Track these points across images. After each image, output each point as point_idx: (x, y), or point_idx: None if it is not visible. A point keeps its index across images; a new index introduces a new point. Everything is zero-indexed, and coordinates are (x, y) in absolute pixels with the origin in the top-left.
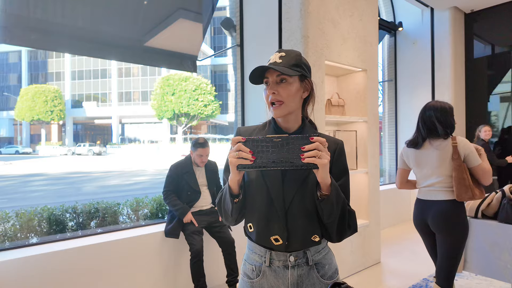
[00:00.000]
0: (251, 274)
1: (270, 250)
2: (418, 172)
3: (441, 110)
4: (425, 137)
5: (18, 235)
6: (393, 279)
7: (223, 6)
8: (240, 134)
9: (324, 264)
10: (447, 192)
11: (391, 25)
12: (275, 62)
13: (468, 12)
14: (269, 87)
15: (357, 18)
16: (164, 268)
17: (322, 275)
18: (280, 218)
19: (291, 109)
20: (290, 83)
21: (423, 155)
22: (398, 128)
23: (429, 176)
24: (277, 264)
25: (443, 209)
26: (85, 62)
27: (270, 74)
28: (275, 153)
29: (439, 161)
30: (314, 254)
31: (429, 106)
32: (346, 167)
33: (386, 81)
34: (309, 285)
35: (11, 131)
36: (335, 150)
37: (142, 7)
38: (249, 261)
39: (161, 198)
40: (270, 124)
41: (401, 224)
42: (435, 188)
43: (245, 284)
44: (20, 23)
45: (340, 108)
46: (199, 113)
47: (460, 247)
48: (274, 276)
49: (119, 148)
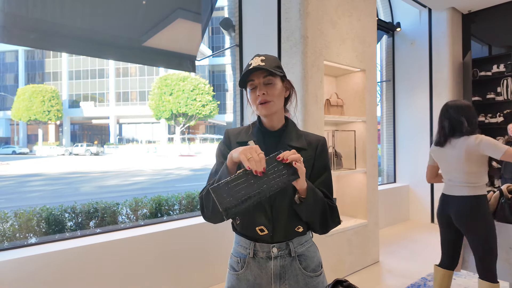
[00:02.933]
0: (236, 266)
1: (255, 241)
2: (441, 168)
3: (465, 108)
4: (448, 135)
5: (17, 235)
6: (392, 278)
7: (222, 6)
8: (228, 136)
9: (307, 256)
10: (470, 188)
11: (389, 26)
12: (258, 65)
13: (465, 12)
14: (257, 89)
15: (356, 19)
16: (164, 268)
17: (305, 267)
18: (266, 209)
19: (277, 107)
20: (275, 83)
21: (445, 152)
22: (396, 128)
23: (451, 171)
24: (261, 255)
25: (467, 204)
26: (82, 62)
27: (256, 77)
28: (254, 184)
29: (461, 157)
30: (297, 246)
31: (452, 104)
32: (327, 163)
33: (384, 81)
34: (291, 276)
35: (8, 131)
36: (317, 146)
37: (140, 7)
38: (234, 253)
39: (160, 198)
40: (255, 125)
41: (399, 224)
42: (455, 183)
43: (231, 277)
44: (19, 23)
45: (338, 108)
46: (197, 113)
47: (490, 240)
48: (258, 267)
49: (116, 148)
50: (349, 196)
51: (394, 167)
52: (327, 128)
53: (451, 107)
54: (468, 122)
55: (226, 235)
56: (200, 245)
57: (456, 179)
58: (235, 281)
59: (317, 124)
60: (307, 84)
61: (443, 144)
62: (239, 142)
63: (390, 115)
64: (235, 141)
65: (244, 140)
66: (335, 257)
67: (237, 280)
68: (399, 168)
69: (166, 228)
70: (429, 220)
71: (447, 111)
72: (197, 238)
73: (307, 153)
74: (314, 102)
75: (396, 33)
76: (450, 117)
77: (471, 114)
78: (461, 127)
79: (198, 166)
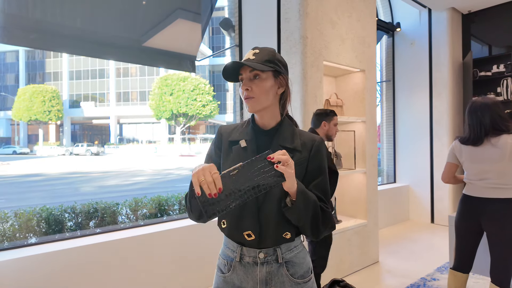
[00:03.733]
0: (223, 268)
1: (242, 245)
2: (473, 168)
3: (499, 105)
4: (486, 134)
5: (17, 235)
6: (391, 278)
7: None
8: (221, 132)
9: (295, 262)
10: (504, 190)
11: (389, 26)
12: (248, 59)
13: (465, 13)
14: (243, 84)
15: (356, 19)
16: (163, 268)
17: (292, 274)
18: (253, 214)
19: (264, 104)
20: (263, 79)
21: (481, 152)
22: (396, 128)
23: (487, 172)
24: (247, 259)
25: (501, 207)
26: (83, 62)
27: (244, 71)
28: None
29: (499, 158)
30: (285, 252)
31: (490, 102)
32: (323, 165)
33: (384, 81)
34: (278, 282)
35: (9, 131)
36: (312, 147)
37: (140, 7)
38: (222, 255)
39: (160, 198)
40: (249, 122)
41: (399, 224)
42: (490, 184)
43: (218, 279)
44: (19, 23)
45: (338, 108)
46: (198, 113)
47: None
48: (244, 272)
49: (117, 148)
50: (348, 196)
51: (394, 167)
52: None
53: (490, 104)
54: (505, 119)
55: None
56: (199, 245)
57: (491, 180)
58: (222, 283)
59: None
60: (307, 84)
61: (480, 143)
62: (231, 141)
63: (390, 115)
64: (227, 139)
65: (236, 139)
66: (334, 257)
67: (224, 282)
68: (399, 168)
69: (166, 228)
70: (429, 220)
71: (486, 108)
72: (197, 238)
73: (301, 155)
74: (313, 102)
75: (396, 33)
76: (491, 114)
77: (503, 110)
78: (503, 124)
79: None
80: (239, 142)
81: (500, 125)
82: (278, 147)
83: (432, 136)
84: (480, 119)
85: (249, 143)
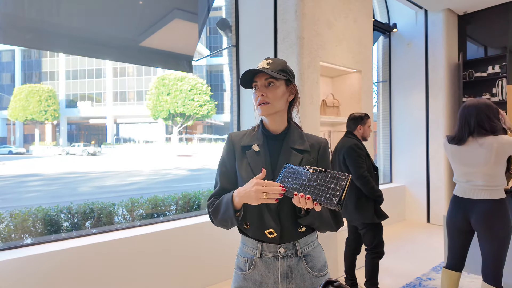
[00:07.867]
0: (243, 266)
1: (262, 242)
2: (459, 169)
3: (491, 107)
4: (470, 133)
5: (13, 235)
6: (387, 277)
7: (219, 6)
8: (232, 139)
9: (313, 256)
10: (491, 191)
11: (385, 27)
12: (263, 68)
13: (461, 14)
14: (258, 90)
15: (352, 20)
16: (160, 268)
17: (311, 267)
18: (273, 212)
19: (277, 109)
20: (277, 86)
21: (466, 152)
22: (392, 128)
23: (473, 173)
24: (268, 255)
25: (488, 208)
26: (79, 62)
27: (259, 78)
28: (305, 181)
29: (484, 159)
30: (303, 246)
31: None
32: (329, 165)
33: (380, 81)
34: (298, 276)
35: (4, 131)
36: (319, 148)
37: (137, 7)
38: (241, 254)
39: (157, 199)
40: (258, 127)
41: (395, 224)
42: (478, 186)
43: (238, 277)
44: (15, 23)
45: (335, 109)
46: (195, 113)
47: (505, 245)
48: (265, 267)
49: (114, 148)
50: None
51: (390, 167)
52: (323, 128)
53: (478, 105)
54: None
55: (222, 235)
56: (196, 245)
57: (477, 182)
58: (242, 281)
59: (313, 124)
60: (303, 84)
61: (463, 142)
62: (243, 146)
63: (387, 116)
64: (239, 144)
65: (248, 143)
66: (332, 257)
67: (244, 280)
68: (395, 168)
69: (162, 228)
70: (425, 220)
71: (473, 108)
72: (193, 238)
73: (310, 156)
74: (310, 103)
75: (392, 34)
76: (478, 113)
77: (495, 113)
78: (489, 125)
79: (195, 166)
80: (251, 147)
81: (485, 125)
82: (289, 149)
83: (428, 136)
84: (466, 119)
85: (261, 147)
